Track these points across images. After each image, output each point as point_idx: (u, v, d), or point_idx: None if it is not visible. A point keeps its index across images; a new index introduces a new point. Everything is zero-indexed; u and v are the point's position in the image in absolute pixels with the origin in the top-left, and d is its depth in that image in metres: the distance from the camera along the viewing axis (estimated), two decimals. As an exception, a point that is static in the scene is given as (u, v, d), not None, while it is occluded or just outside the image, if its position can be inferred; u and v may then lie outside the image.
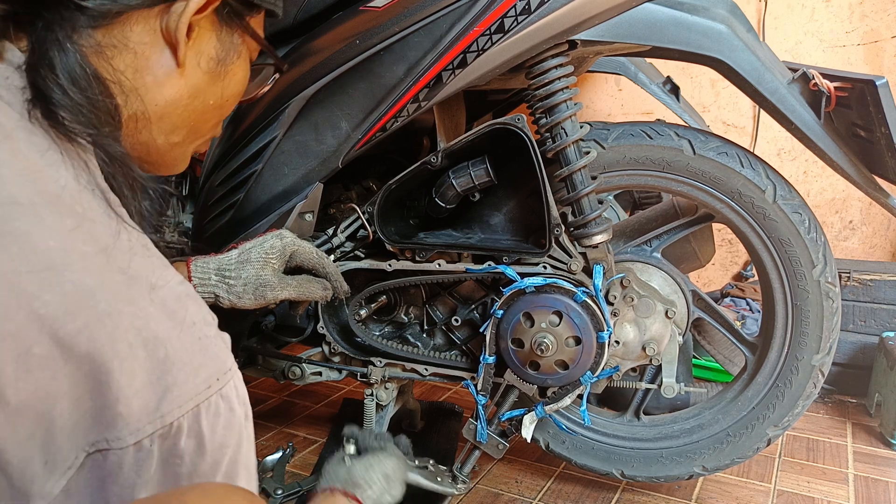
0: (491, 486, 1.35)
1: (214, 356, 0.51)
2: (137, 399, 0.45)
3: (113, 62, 0.54)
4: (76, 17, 0.52)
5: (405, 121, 1.01)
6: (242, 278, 0.91)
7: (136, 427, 0.45)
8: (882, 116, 0.93)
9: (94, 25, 0.53)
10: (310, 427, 1.64)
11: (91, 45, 0.53)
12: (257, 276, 0.91)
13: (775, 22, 2.00)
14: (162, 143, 0.62)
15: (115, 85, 0.55)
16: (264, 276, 0.92)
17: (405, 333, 1.22)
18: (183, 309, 0.50)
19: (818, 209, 2.02)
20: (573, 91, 1.01)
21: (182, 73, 0.59)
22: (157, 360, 0.46)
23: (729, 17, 1.02)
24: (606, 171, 1.13)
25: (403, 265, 1.12)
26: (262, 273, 0.92)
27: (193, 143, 0.68)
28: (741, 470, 1.38)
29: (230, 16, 0.62)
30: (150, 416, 0.45)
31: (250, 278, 0.91)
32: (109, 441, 0.44)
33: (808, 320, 1.12)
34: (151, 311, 0.48)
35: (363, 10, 1.00)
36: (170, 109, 0.60)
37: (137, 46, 0.56)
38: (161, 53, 0.57)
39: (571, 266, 1.04)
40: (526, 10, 0.92)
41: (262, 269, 0.92)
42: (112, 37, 0.54)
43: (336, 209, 1.33)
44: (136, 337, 0.45)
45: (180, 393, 0.47)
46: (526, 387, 1.09)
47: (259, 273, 0.91)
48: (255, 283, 0.91)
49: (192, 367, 0.48)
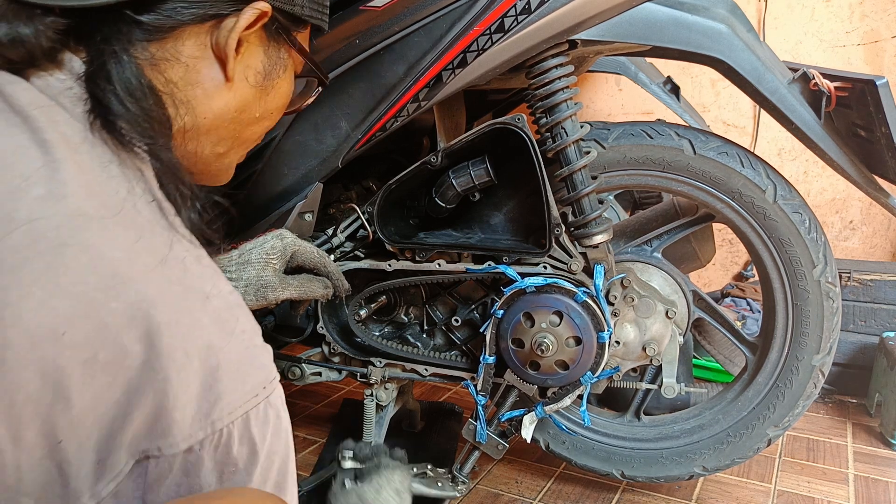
0: (491, 486, 1.35)
1: (262, 365, 0.51)
2: (191, 407, 0.46)
3: (166, 74, 0.57)
4: (132, 31, 0.54)
5: (405, 121, 1.01)
6: (244, 279, 0.91)
7: (189, 433, 0.45)
8: (882, 116, 0.93)
9: (149, 39, 0.55)
10: (310, 427, 1.64)
11: (146, 57, 0.55)
12: (258, 276, 0.91)
13: (775, 22, 2.00)
14: (209, 153, 0.64)
15: (168, 96, 0.57)
16: (265, 277, 0.92)
17: (405, 333, 1.22)
18: (234, 318, 0.51)
19: (818, 209, 2.02)
20: (573, 91, 1.01)
21: (230, 87, 0.61)
22: (210, 368, 0.47)
23: (729, 17, 1.02)
24: (606, 171, 1.13)
25: (403, 265, 1.12)
26: (264, 274, 0.92)
27: (238, 154, 0.69)
28: (741, 470, 1.38)
29: (278, 31, 0.64)
30: (202, 422, 0.46)
31: (251, 279, 0.91)
32: (162, 448, 0.45)
33: (808, 320, 1.12)
34: (206, 321, 0.48)
35: (363, 9, 1.00)
36: (217, 121, 0.62)
37: (189, 60, 0.58)
38: (211, 67, 0.59)
39: (572, 266, 1.04)
40: (526, 9, 0.91)
41: (262, 270, 0.92)
42: (165, 50, 0.56)
43: (336, 209, 1.33)
44: (192, 346, 0.46)
45: (230, 400, 0.48)
46: (526, 387, 1.09)
47: (260, 274, 0.92)
48: (256, 284, 0.91)
49: (241, 376, 0.49)
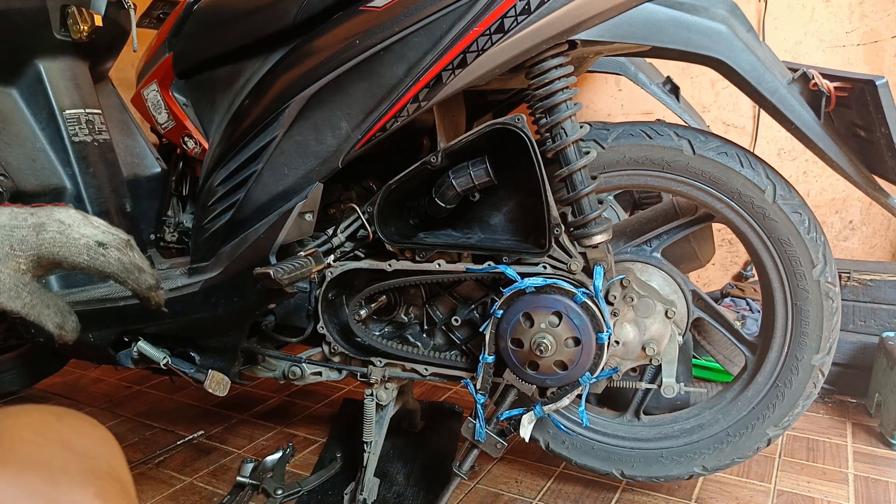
0: (491, 486, 1.35)
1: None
2: None
3: None
4: None
5: (405, 121, 1.01)
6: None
7: None
8: (882, 116, 0.93)
9: None
10: (310, 427, 1.64)
11: None
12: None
13: (775, 22, 2.00)
14: None
15: None
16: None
17: (405, 333, 1.22)
18: None
19: (818, 209, 2.02)
20: (573, 91, 1.01)
21: None
22: None
23: (729, 17, 1.02)
24: (606, 171, 1.13)
25: (403, 265, 1.12)
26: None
27: None
28: (741, 470, 1.38)
29: None
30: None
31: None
32: None
33: (808, 320, 1.12)
34: None
35: (363, 10, 1.00)
36: None
37: None
38: None
39: (571, 266, 1.04)
40: (526, 10, 0.92)
41: (1, 264, 0.73)
42: None
43: (336, 209, 1.33)
44: None
45: None
46: (525, 387, 1.09)
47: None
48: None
49: None
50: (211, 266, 1.18)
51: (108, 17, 1.44)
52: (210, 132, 1.28)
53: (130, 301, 1.25)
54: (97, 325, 1.29)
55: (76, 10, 1.39)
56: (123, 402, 1.86)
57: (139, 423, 1.70)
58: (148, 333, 1.27)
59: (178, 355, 1.28)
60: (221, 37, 1.19)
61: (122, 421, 1.72)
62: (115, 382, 2.01)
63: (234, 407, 1.79)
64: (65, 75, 1.43)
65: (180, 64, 1.28)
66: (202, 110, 1.30)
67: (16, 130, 1.38)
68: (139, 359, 1.27)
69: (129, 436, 1.63)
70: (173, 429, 1.66)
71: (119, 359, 1.29)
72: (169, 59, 1.30)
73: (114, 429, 1.67)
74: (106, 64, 1.61)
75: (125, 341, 1.29)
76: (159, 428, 1.67)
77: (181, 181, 1.58)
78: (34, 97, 1.40)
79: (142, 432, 1.65)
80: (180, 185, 1.58)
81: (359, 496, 1.21)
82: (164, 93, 1.32)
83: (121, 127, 1.63)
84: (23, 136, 1.39)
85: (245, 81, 1.18)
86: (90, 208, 1.45)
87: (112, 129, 1.55)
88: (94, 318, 1.28)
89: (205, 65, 1.25)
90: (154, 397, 1.88)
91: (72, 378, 2.05)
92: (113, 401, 1.86)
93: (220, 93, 1.24)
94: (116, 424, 1.70)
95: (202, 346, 1.28)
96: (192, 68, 1.28)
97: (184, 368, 1.24)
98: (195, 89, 1.31)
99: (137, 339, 1.26)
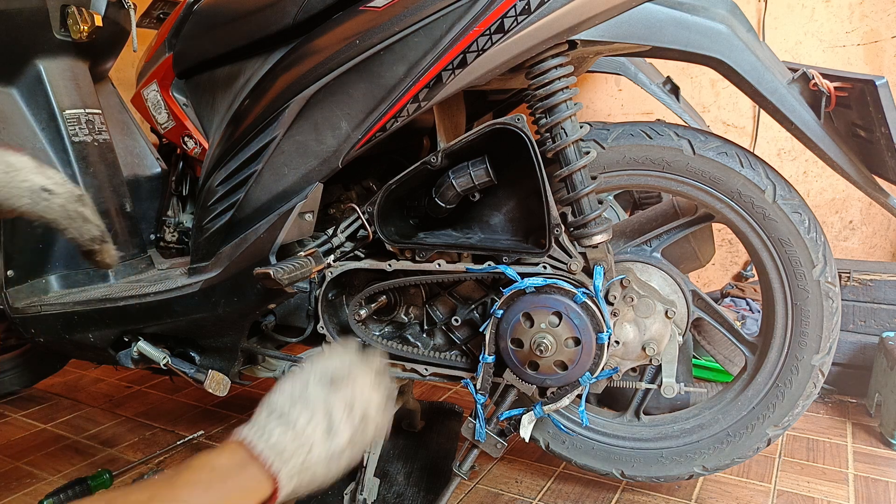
0: (491, 485, 1.35)
1: None
2: None
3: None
4: None
5: (405, 121, 1.01)
6: None
7: None
8: (882, 116, 0.93)
9: None
10: (310, 427, 1.64)
11: None
12: None
13: (775, 22, 2.00)
14: None
15: None
16: None
17: (405, 333, 1.22)
18: None
19: (818, 209, 2.02)
20: (573, 91, 1.01)
21: None
22: None
23: (729, 17, 1.02)
24: (606, 171, 1.13)
25: (403, 265, 1.12)
26: None
27: None
28: (741, 470, 1.38)
29: None
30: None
31: None
32: None
33: (808, 320, 1.12)
34: None
35: (363, 10, 1.00)
36: None
37: None
38: None
39: (571, 266, 1.04)
40: (526, 10, 0.92)
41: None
42: None
43: (336, 209, 1.33)
44: None
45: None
46: (525, 387, 1.09)
47: None
48: None
49: None
50: (211, 266, 1.18)
51: (108, 17, 1.44)
52: (210, 132, 1.29)
53: (131, 301, 1.25)
54: (97, 325, 1.29)
55: (76, 10, 1.39)
56: (123, 402, 1.86)
57: (139, 423, 1.70)
58: (148, 333, 1.27)
59: (178, 355, 1.28)
60: (221, 37, 1.19)
61: (122, 421, 1.72)
62: (115, 382, 2.01)
63: (234, 407, 1.79)
64: (65, 75, 1.43)
65: (180, 64, 1.28)
66: (202, 110, 1.30)
67: (16, 130, 1.38)
68: (139, 359, 1.27)
69: (129, 436, 1.63)
70: (173, 429, 1.66)
71: (119, 359, 1.29)
72: (169, 59, 1.30)
73: (114, 429, 1.67)
74: (106, 64, 1.61)
75: (125, 341, 1.29)
76: (159, 428, 1.67)
77: (181, 181, 1.58)
78: (34, 97, 1.40)
79: (142, 432, 1.65)
80: (180, 185, 1.58)
81: (359, 496, 1.21)
82: (164, 93, 1.32)
83: (121, 127, 1.63)
84: (23, 136, 1.39)
85: (245, 81, 1.18)
86: (90, 208, 1.45)
87: (112, 129, 1.55)
88: (94, 318, 1.28)
89: (205, 65, 1.25)
90: (154, 397, 1.88)
91: (72, 378, 2.05)
92: (113, 401, 1.86)
93: (220, 93, 1.24)
94: (116, 424, 1.70)
95: (202, 346, 1.28)
96: (192, 68, 1.28)
97: (184, 368, 1.24)
98: (195, 89, 1.31)
99: (137, 339, 1.26)
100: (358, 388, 0.67)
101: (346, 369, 0.68)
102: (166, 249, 1.58)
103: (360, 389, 0.67)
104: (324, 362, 0.68)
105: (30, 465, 1.49)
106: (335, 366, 0.68)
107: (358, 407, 0.66)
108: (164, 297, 1.21)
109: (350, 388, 0.66)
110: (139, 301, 1.24)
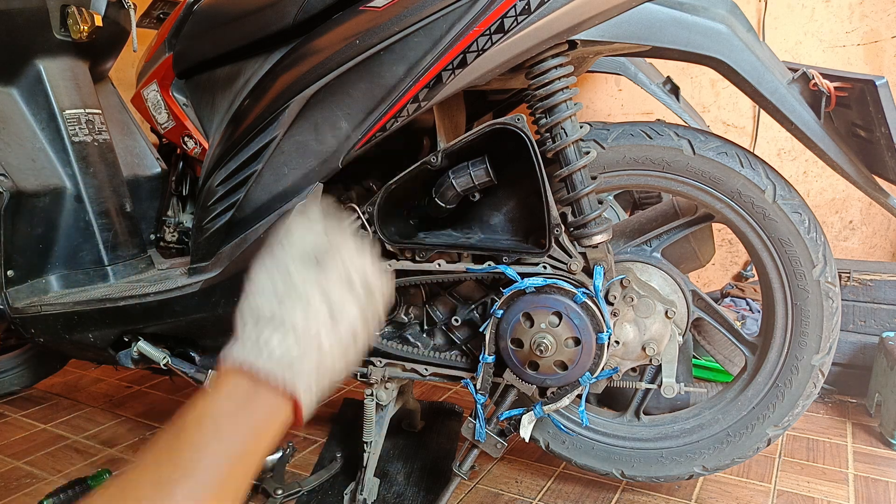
0: (491, 485, 1.35)
1: None
2: None
3: None
4: None
5: (405, 121, 1.01)
6: None
7: None
8: (882, 116, 0.93)
9: None
10: (310, 427, 1.64)
11: None
12: None
13: (775, 22, 2.00)
14: None
15: None
16: None
17: (405, 333, 1.22)
18: None
19: (818, 209, 2.02)
20: (573, 91, 1.01)
21: None
22: None
23: (729, 17, 1.02)
24: (606, 171, 1.13)
25: (403, 265, 1.12)
26: None
27: None
28: (741, 470, 1.38)
29: None
30: None
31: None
32: None
33: (808, 320, 1.12)
34: None
35: (363, 10, 1.00)
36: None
37: None
38: None
39: (571, 266, 1.04)
40: (526, 10, 0.92)
41: None
42: None
43: (336, 209, 1.33)
44: None
45: None
46: (525, 387, 1.09)
47: None
48: None
49: None
50: (211, 266, 1.18)
51: (108, 17, 1.44)
52: (210, 132, 1.28)
53: (131, 301, 1.25)
54: (97, 325, 1.29)
55: (76, 10, 1.39)
56: (123, 402, 1.85)
57: (139, 423, 1.70)
58: (148, 333, 1.27)
59: (178, 355, 1.28)
60: (221, 37, 1.19)
61: (122, 421, 1.72)
62: (115, 382, 2.01)
63: (234, 407, 1.78)
64: (65, 75, 1.43)
65: (180, 64, 1.28)
66: (202, 110, 1.30)
67: (16, 130, 1.38)
68: (139, 359, 1.27)
69: (129, 436, 1.63)
70: (173, 429, 1.66)
71: (119, 359, 1.29)
72: (169, 59, 1.30)
73: (114, 429, 1.67)
74: (106, 64, 1.61)
75: (125, 341, 1.29)
76: (159, 428, 1.67)
77: (181, 181, 1.58)
78: (34, 97, 1.40)
79: (142, 432, 1.65)
80: (180, 185, 1.58)
81: (359, 496, 1.21)
82: (164, 93, 1.32)
83: (121, 127, 1.63)
84: (23, 136, 1.39)
85: (245, 81, 1.18)
86: (90, 208, 1.45)
87: (112, 129, 1.55)
88: (94, 318, 1.28)
89: (205, 65, 1.25)
90: (154, 397, 1.88)
91: (72, 378, 2.05)
92: (113, 401, 1.86)
93: (220, 93, 1.24)
94: (116, 424, 1.70)
95: (202, 346, 1.28)
96: (192, 68, 1.28)
97: (184, 368, 1.24)
98: (195, 89, 1.31)
99: (137, 339, 1.26)
100: (346, 256, 0.56)
101: (324, 240, 0.56)
102: (166, 249, 1.58)
103: (349, 257, 0.56)
104: (297, 241, 0.56)
105: (30, 465, 1.49)
106: (311, 240, 0.56)
107: (356, 277, 0.55)
108: (164, 297, 1.21)
109: (338, 260, 0.55)
110: (139, 301, 1.24)
